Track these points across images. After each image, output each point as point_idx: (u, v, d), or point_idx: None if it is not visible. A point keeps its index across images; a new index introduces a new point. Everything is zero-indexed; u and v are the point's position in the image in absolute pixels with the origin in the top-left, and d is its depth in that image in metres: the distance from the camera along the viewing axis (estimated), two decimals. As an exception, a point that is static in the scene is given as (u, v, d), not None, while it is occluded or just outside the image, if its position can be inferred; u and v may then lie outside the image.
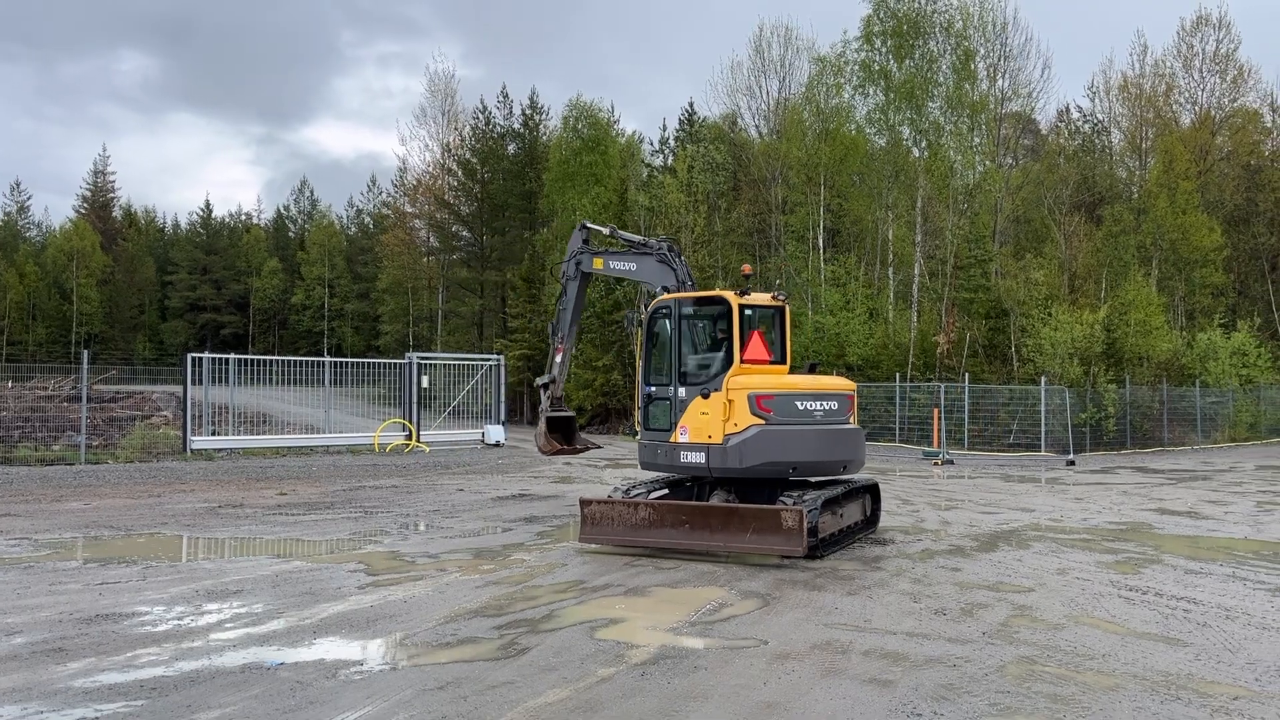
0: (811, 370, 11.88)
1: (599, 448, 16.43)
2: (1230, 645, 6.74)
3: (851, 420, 10.90)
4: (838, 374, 29.80)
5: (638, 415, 11.51)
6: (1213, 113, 43.56)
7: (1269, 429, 35.33)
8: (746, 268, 12.48)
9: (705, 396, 10.60)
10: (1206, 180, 40.49)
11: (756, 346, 11.15)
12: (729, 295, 11.12)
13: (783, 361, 11.56)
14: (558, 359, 13.84)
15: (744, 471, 10.41)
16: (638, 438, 11.72)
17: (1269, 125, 45.52)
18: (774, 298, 11.54)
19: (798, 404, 10.49)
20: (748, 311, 11.20)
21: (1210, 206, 39.51)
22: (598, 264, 13.26)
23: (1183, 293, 38.18)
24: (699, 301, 11.53)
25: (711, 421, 10.49)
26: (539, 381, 14.05)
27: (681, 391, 10.94)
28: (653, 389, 11.34)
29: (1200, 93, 43.98)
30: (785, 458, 10.37)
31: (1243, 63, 43.61)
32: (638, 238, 13.61)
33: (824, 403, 10.60)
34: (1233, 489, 18.19)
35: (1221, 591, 8.60)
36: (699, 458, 10.59)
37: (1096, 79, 59.67)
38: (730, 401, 10.35)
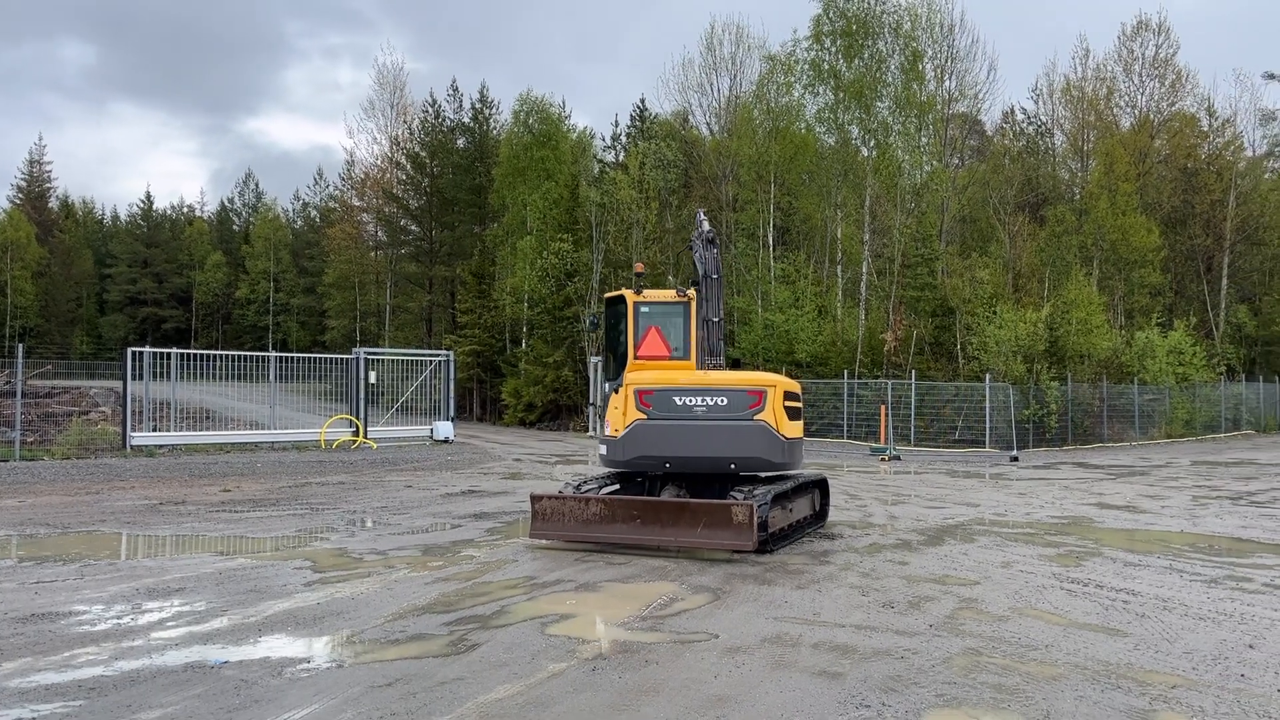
0: (734, 366, 12.01)
1: None
2: (1168, 635, 6.90)
3: (763, 417, 10.53)
4: (786, 371, 30.07)
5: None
6: (1151, 116, 44.61)
7: (1204, 425, 36.32)
8: (639, 265, 12.50)
9: (615, 392, 10.93)
10: (1145, 182, 41.47)
11: (653, 342, 11.40)
12: (627, 293, 11.44)
13: (686, 356, 11.58)
14: None
15: (625, 465, 10.77)
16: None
17: (1205, 129, 46.71)
18: (678, 293, 11.62)
19: (675, 399, 10.57)
20: (644, 309, 11.45)
21: (1148, 208, 40.47)
22: None
23: (1122, 292, 39.06)
24: (609, 302, 11.89)
25: (615, 416, 10.80)
26: None
27: (606, 387, 11.35)
28: (607, 386, 11.43)
29: (1140, 96, 45.07)
30: (659, 452, 10.55)
31: (1181, 67, 44.80)
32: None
33: (708, 398, 10.60)
34: (1169, 484, 18.65)
35: (1159, 583, 8.80)
36: (604, 451, 10.98)
37: (1040, 82, 60.92)
38: (625, 397, 10.67)
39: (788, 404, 10.81)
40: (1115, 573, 9.29)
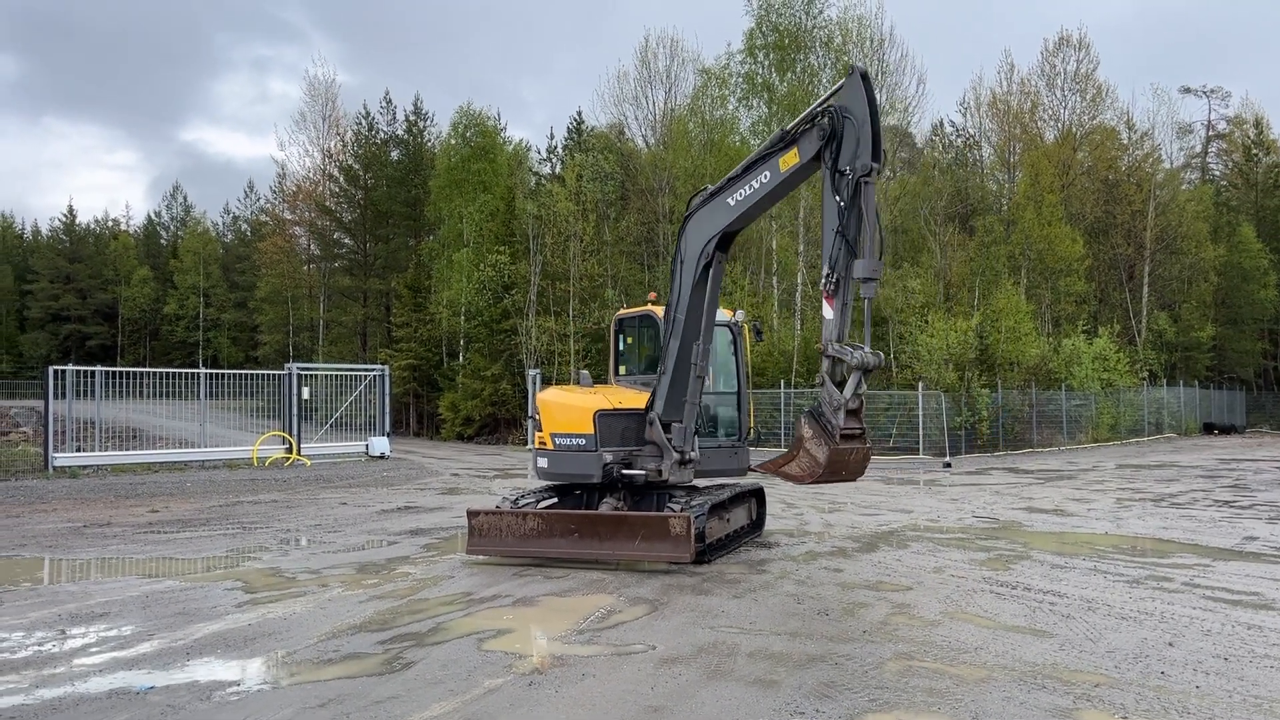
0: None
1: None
2: (1092, 635, 7.09)
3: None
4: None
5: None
6: (1074, 129, 45.84)
7: (1128, 430, 37.39)
8: (653, 295, 12.76)
9: None
10: (1069, 193, 42.63)
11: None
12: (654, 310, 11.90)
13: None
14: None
15: None
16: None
17: (1125, 142, 48.18)
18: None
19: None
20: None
21: (1073, 218, 41.61)
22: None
23: (1049, 300, 40.06)
24: (641, 319, 12.25)
25: None
26: (868, 361, 8.74)
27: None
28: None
29: (1063, 110, 46.27)
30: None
31: (1101, 82, 46.09)
32: None
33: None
34: (1095, 487, 19.16)
35: (1084, 584, 9.04)
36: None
37: (968, 95, 62.31)
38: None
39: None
40: (1043, 575, 9.52)
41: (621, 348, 12.32)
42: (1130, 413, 38.00)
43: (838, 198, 8.65)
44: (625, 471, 10.61)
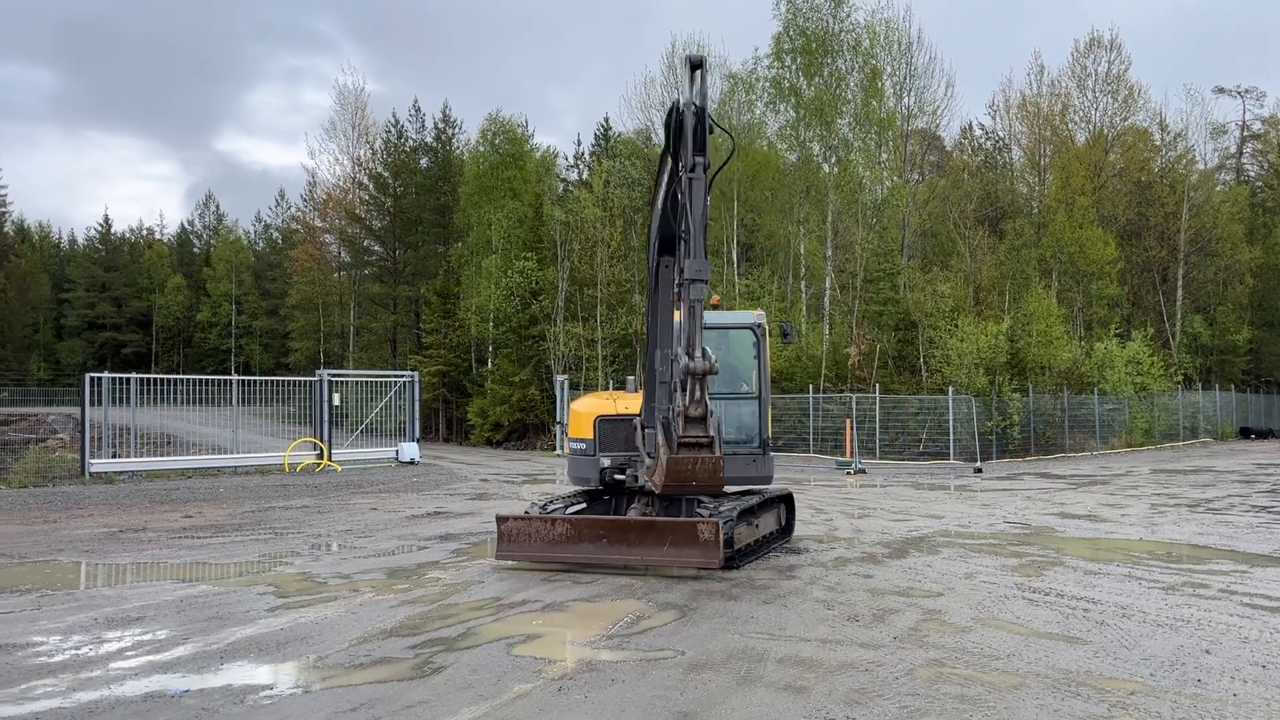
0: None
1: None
2: (1126, 642, 7.01)
3: None
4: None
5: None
6: (1105, 131, 45.41)
7: (1162, 434, 36.90)
8: (716, 299, 12.74)
9: None
10: (1101, 196, 42.19)
11: None
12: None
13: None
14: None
15: None
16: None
17: (1158, 143, 47.65)
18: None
19: None
20: None
21: (1105, 221, 41.17)
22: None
23: (1081, 304, 39.67)
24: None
25: None
26: (694, 366, 8.35)
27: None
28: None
29: (1094, 112, 45.86)
30: None
31: (1133, 83, 45.65)
32: None
33: None
34: (1129, 492, 18.93)
35: (1119, 591, 8.93)
36: None
37: (997, 98, 61.85)
38: None
39: None
40: (1076, 581, 9.41)
41: None
42: (1164, 417, 37.51)
43: (681, 196, 8.48)
44: (616, 476, 10.69)
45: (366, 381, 27.47)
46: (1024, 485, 20.85)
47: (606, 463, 10.79)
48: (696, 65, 8.28)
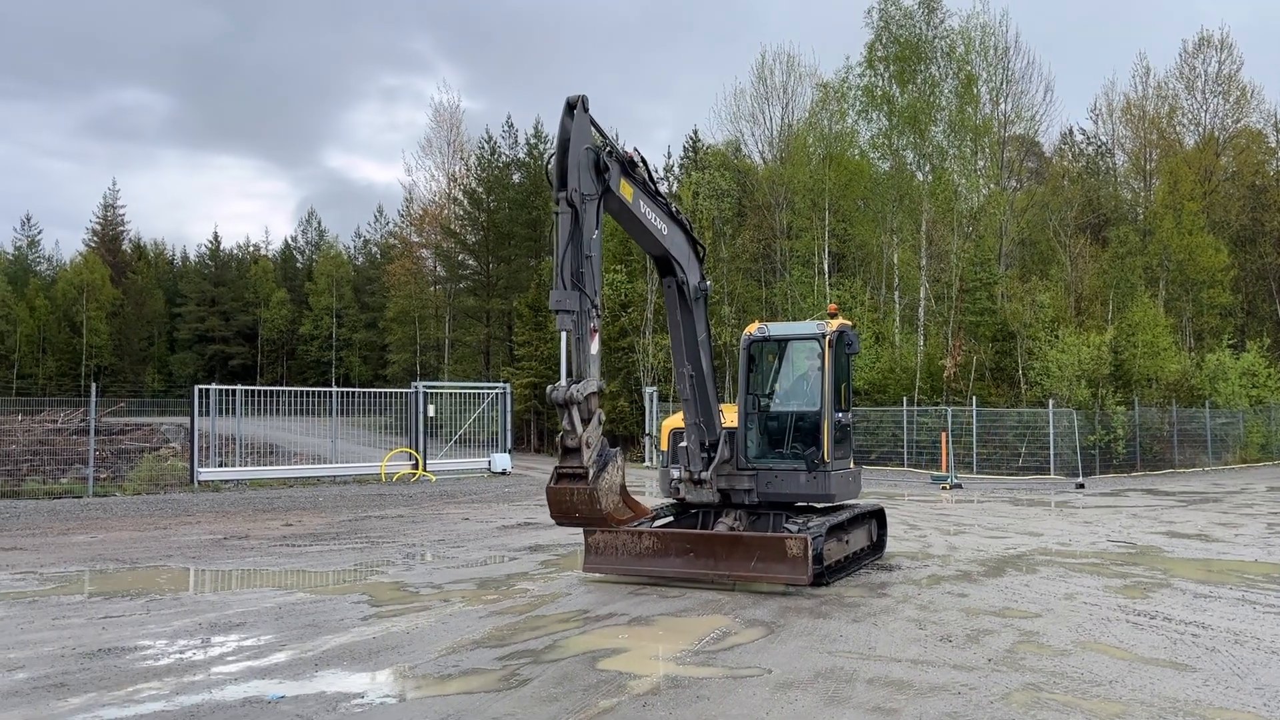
0: None
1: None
2: (1239, 670, 6.67)
3: None
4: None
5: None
6: (1216, 134, 43.63)
7: (1280, 450, 35.12)
8: (833, 306, 12.49)
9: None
10: (1212, 201, 40.51)
11: None
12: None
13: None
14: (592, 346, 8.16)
15: None
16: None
17: (1273, 145, 45.59)
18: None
19: None
20: None
21: (1216, 227, 39.52)
22: (627, 192, 9.47)
23: (1190, 313, 38.13)
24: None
25: None
26: (578, 392, 7.90)
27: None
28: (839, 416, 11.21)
29: (1203, 114, 44.11)
30: None
31: (1245, 84, 43.78)
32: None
33: None
34: (1243, 511, 18.07)
35: (1231, 615, 8.52)
36: None
37: (1099, 101, 59.68)
38: None
39: None
40: (1185, 605, 9.01)
41: (749, 367, 11.87)
42: (1283, 432, 35.72)
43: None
44: (677, 488, 10.90)
45: (460, 393, 27.97)
46: (1129, 502, 20.07)
47: (675, 474, 10.79)
48: (573, 105, 8.41)
